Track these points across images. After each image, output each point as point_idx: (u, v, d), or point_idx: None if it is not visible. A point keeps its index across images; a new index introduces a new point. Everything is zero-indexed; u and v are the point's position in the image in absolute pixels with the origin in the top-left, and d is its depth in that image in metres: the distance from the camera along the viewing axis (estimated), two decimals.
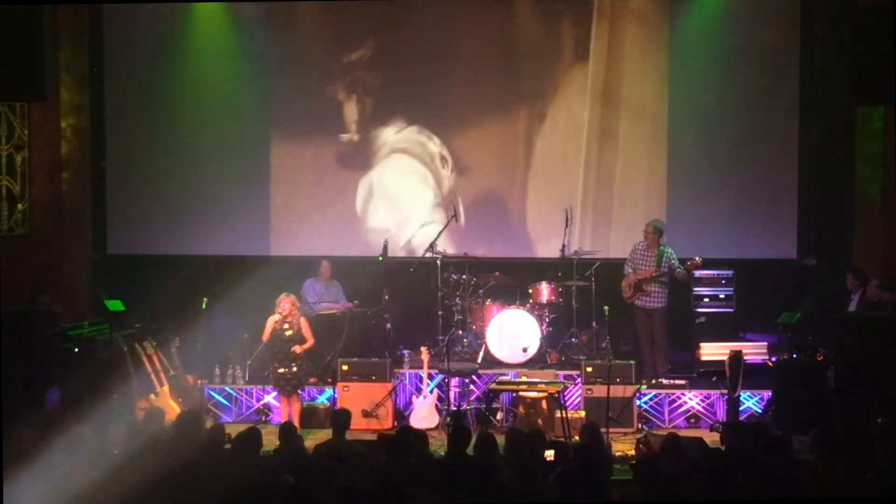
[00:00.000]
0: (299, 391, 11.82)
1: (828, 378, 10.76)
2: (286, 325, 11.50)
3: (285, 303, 11.50)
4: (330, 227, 14.21)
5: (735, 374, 10.85)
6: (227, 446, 8.40)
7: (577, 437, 10.68)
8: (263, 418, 12.32)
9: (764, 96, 13.62)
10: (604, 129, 13.84)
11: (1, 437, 7.88)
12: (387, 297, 13.11)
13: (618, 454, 9.98)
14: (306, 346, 11.63)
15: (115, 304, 12.37)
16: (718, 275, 13.33)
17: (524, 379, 11.58)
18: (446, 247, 13.32)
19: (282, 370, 11.56)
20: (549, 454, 8.21)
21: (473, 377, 12.25)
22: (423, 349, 12.22)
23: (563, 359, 12.77)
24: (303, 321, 11.62)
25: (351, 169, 14.22)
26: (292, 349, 11.53)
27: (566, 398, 11.69)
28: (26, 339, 9.97)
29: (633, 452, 9.69)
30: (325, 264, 13.40)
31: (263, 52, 14.14)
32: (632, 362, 12.14)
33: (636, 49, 13.77)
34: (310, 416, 12.00)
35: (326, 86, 14.14)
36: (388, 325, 13.01)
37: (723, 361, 11.18)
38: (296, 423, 11.44)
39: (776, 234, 13.67)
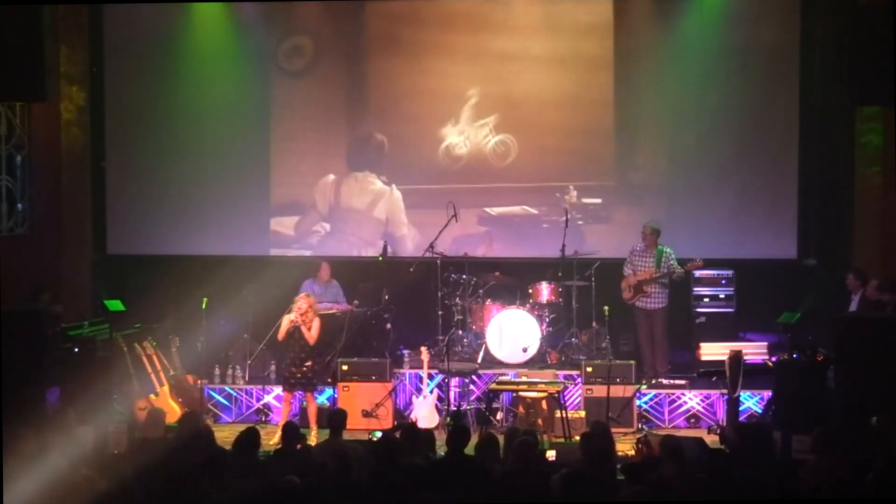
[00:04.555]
0: (313, 391, 11.77)
1: (828, 378, 10.76)
2: (301, 325, 11.48)
3: (302, 302, 11.49)
4: (330, 228, 14.21)
5: (735, 374, 10.84)
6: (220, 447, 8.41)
7: (577, 438, 10.71)
8: (263, 418, 12.33)
9: (764, 96, 13.62)
10: (603, 128, 13.84)
11: (1, 437, 7.87)
12: (387, 297, 13.11)
13: (618, 454, 9.96)
14: (309, 337, 11.57)
15: (115, 304, 12.36)
16: (718, 275, 13.34)
17: (524, 379, 11.58)
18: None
19: (293, 369, 11.55)
20: (551, 454, 8.22)
21: (473, 377, 12.25)
22: (423, 349, 12.22)
23: (563, 359, 12.78)
24: (316, 322, 11.59)
25: (353, 169, 14.22)
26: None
27: (566, 398, 11.69)
28: (26, 339, 9.94)
29: (633, 453, 9.68)
30: (325, 266, 13.40)
31: (264, 50, 14.14)
32: (632, 362, 12.16)
33: (636, 49, 13.76)
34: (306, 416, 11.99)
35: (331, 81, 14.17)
36: (388, 325, 13.01)
37: (723, 361, 11.17)
38: (313, 423, 11.46)
39: (776, 234, 13.66)
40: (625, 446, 10.35)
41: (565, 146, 13.88)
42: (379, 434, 9.52)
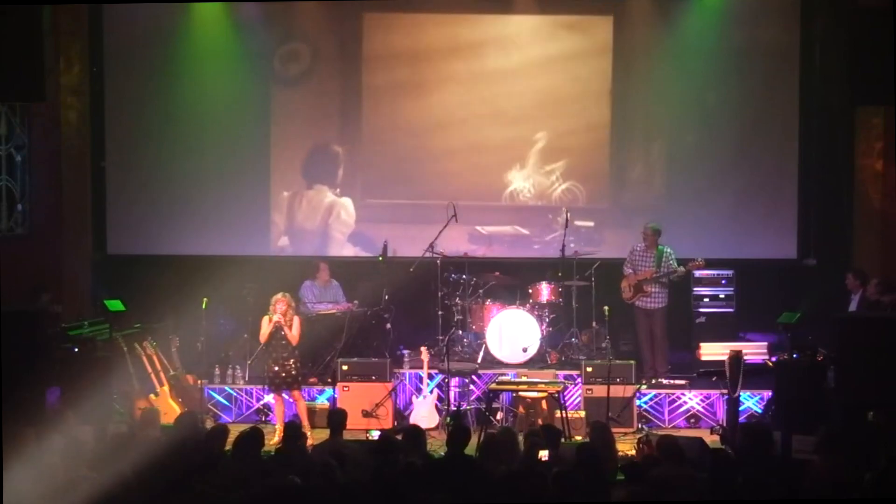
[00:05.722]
0: (299, 390, 11.75)
1: (828, 378, 10.76)
2: (283, 326, 11.45)
3: (282, 304, 11.47)
4: (330, 228, 14.21)
5: (735, 374, 10.84)
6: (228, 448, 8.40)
7: (577, 437, 10.72)
8: (263, 418, 12.32)
9: (764, 96, 13.64)
10: (604, 128, 13.84)
11: (1, 437, 7.88)
12: (387, 297, 13.10)
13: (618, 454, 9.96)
14: (291, 337, 11.55)
15: (115, 304, 12.36)
16: (718, 275, 13.36)
17: (524, 379, 11.58)
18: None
19: (276, 368, 11.53)
20: (543, 454, 8.22)
21: (473, 377, 12.25)
22: (423, 349, 12.22)
23: (563, 359, 12.78)
24: (296, 320, 11.58)
25: (352, 168, 14.22)
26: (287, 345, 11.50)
27: (566, 398, 11.69)
28: (26, 339, 9.94)
29: (633, 452, 9.68)
30: (324, 267, 13.40)
31: (263, 52, 14.14)
32: (632, 362, 12.15)
33: (637, 49, 13.77)
34: (311, 416, 11.98)
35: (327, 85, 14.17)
36: (388, 325, 13.00)
37: (723, 361, 11.18)
38: (304, 421, 11.44)
39: (776, 234, 13.68)
40: (625, 446, 10.36)
41: (560, 161, 13.89)
42: (376, 434, 9.52)
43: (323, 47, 14.12)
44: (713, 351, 12.56)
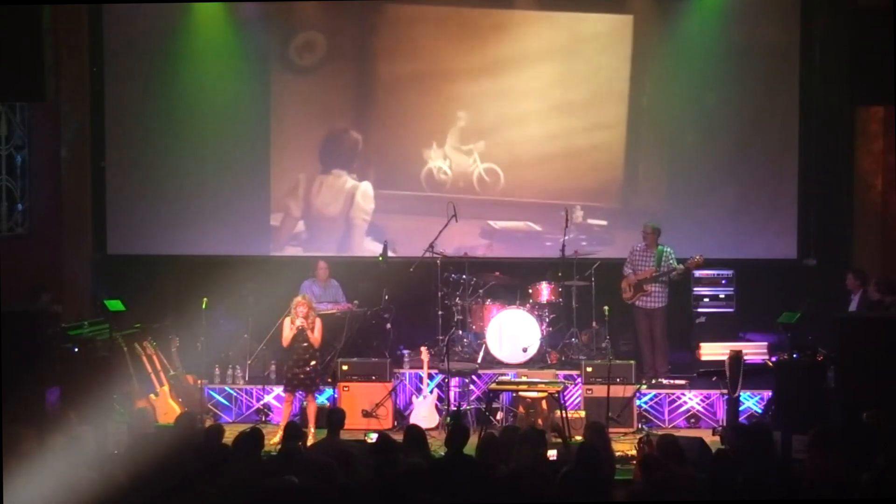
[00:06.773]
0: (314, 392, 11.76)
1: (828, 378, 10.76)
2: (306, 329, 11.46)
3: (303, 307, 11.46)
4: (329, 228, 14.21)
5: (735, 374, 10.84)
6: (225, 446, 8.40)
7: (578, 437, 10.72)
8: (263, 418, 12.33)
9: (764, 96, 13.64)
10: (603, 129, 13.83)
11: (1, 437, 7.87)
12: (387, 297, 13.11)
13: (618, 454, 9.94)
14: (314, 339, 11.58)
15: (115, 304, 12.34)
16: (718, 275, 13.37)
17: (524, 379, 11.58)
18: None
19: (296, 370, 11.52)
20: (552, 454, 8.23)
21: (473, 377, 12.25)
22: (423, 349, 12.23)
23: (563, 359, 12.78)
24: (318, 322, 11.59)
25: (352, 168, 14.21)
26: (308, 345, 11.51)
27: (566, 398, 11.69)
28: (26, 339, 9.93)
29: (633, 452, 9.68)
30: (323, 265, 13.39)
31: (265, 48, 14.14)
32: (632, 362, 12.16)
33: (636, 49, 13.77)
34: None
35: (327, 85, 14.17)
36: (388, 325, 13.01)
37: (723, 361, 11.18)
38: (312, 424, 11.45)
39: (776, 234, 13.68)
40: (625, 446, 10.37)
41: (574, 163, 13.90)
42: (374, 435, 9.51)
43: (337, 38, 14.05)
44: (713, 351, 12.56)
